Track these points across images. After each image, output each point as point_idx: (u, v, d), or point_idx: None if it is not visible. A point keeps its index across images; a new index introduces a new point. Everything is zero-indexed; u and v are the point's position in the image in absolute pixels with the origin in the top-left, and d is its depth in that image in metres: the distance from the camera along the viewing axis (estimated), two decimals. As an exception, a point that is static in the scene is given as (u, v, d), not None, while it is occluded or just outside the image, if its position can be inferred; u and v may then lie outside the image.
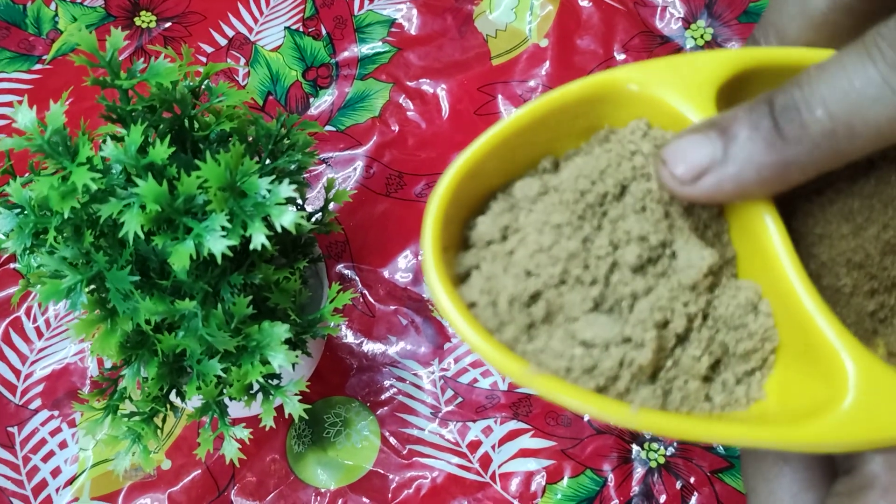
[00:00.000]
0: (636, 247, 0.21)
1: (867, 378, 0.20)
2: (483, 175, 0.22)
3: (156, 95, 0.31)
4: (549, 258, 0.20)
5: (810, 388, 0.21)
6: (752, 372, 0.22)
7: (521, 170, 0.23)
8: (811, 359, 0.21)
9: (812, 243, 0.22)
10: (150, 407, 0.32)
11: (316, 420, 0.45)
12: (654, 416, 0.20)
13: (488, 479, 0.43)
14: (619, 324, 0.20)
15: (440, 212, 0.20)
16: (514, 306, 0.20)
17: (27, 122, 0.28)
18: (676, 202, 0.22)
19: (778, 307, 0.21)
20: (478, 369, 0.45)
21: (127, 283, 0.29)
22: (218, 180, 0.27)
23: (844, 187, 0.22)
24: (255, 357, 0.31)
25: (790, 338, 0.21)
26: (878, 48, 0.18)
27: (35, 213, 0.29)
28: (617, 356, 0.20)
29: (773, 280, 0.21)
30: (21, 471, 0.43)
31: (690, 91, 0.22)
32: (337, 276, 0.48)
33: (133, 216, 0.27)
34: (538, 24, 0.52)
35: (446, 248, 0.21)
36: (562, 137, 0.23)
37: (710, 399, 0.22)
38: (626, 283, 0.21)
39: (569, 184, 0.21)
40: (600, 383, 0.20)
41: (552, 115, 0.22)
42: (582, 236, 0.21)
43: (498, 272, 0.20)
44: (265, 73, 0.52)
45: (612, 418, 0.19)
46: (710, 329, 0.22)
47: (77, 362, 0.45)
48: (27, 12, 0.53)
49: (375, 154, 0.50)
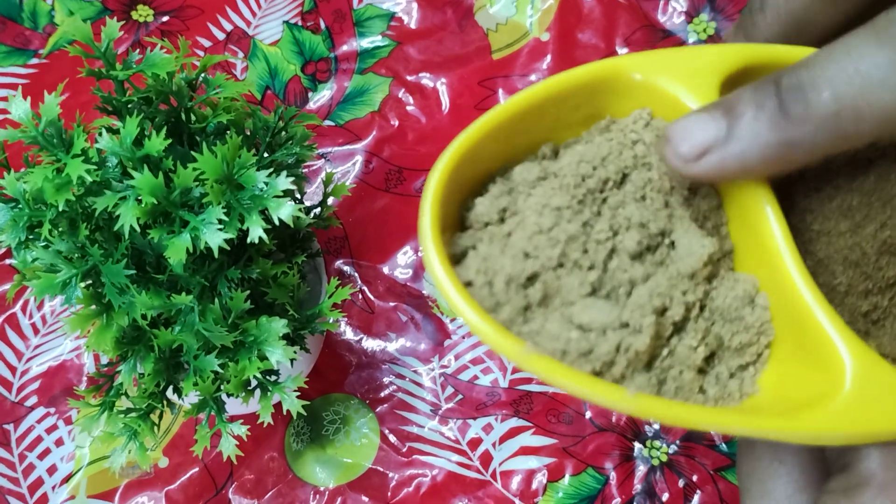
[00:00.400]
0: (636, 233, 0.21)
1: (865, 370, 0.19)
2: (482, 158, 0.21)
3: (152, 87, 0.30)
4: (547, 240, 0.20)
5: (806, 380, 0.21)
6: (745, 366, 0.22)
7: (520, 155, 0.23)
8: (807, 352, 0.20)
9: (809, 240, 0.22)
10: (146, 403, 0.32)
11: (315, 417, 0.44)
12: (650, 400, 0.19)
13: (489, 477, 0.43)
14: (617, 309, 0.20)
15: (439, 190, 0.20)
16: (511, 287, 0.20)
17: (21, 113, 0.28)
18: (677, 192, 0.22)
19: (775, 301, 0.21)
20: (478, 366, 0.45)
21: (122, 277, 0.28)
22: (215, 173, 0.27)
23: (843, 184, 0.22)
24: (252, 353, 0.30)
25: (786, 332, 0.21)
26: (889, 32, 0.18)
27: (30, 206, 0.29)
28: (614, 341, 0.20)
29: (772, 273, 0.21)
30: (17, 468, 0.43)
31: (695, 82, 0.22)
32: (336, 272, 0.47)
33: (129, 209, 0.27)
34: (539, 17, 0.52)
35: (444, 230, 0.20)
36: (562, 125, 0.23)
37: (703, 391, 0.22)
38: (624, 270, 0.21)
39: (569, 168, 0.21)
40: (596, 367, 0.20)
41: (553, 101, 0.22)
42: (581, 220, 0.21)
43: (495, 253, 0.20)
44: (263, 68, 0.51)
45: (608, 401, 0.19)
46: (706, 320, 0.21)
47: (73, 359, 0.45)
48: (23, 6, 0.52)
49: (375, 149, 0.49)
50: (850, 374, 0.19)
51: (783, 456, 0.22)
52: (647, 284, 0.21)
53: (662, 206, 0.21)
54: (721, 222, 0.22)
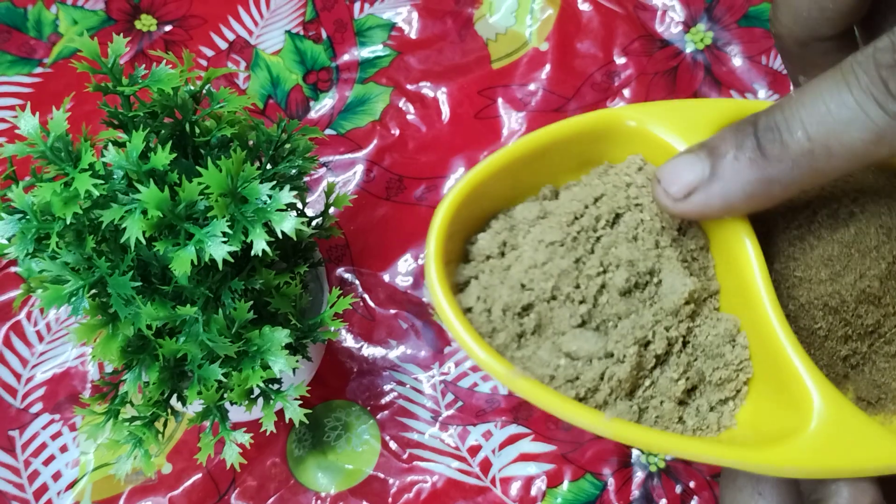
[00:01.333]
0: (625, 271, 0.22)
1: (832, 410, 0.21)
2: (486, 197, 0.23)
3: (157, 101, 0.31)
4: (542, 274, 0.21)
5: (779, 417, 0.22)
6: (725, 401, 0.23)
7: (522, 195, 0.24)
8: (781, 391, 0.22)
9: (792, 285, 0.23)
10: (151, 411, 0.32)
11: (316, 424, 0.45)
12: (626, 426, 0.21)
13: (488, 483, 0.43)
14: (603, 340, 0.21)
15: (445, 221, 0.21)
16: (507, 315, 0.21)
17: (30, 128, 0.28)
18: (667, 232, 0.23)
19: (754, 341, 0.23)
20: (478, 373, 0.46)
21: (128, 288, 0.29)
22: (219, 186, 0.27)
23: (826, 235, 0.23)
24: (255, 362, 0.31)
25: (763, 370, 0.22)
26: (854, 74, 0.19)
27: (37, 219, 0.29)
28: (599, 369, 0.21)
29: (752, 314, 0.22)
30: (22, 474, 0.43)
31: (687, 131, 0.23)
32: (337, 279, 0.48)
33: (135, 222, 0.27)
34: (538, 27, 0.52)
35: (448, 262, 0.22)
36: (563, 170, 0.24)
37: (682, 422, 0.23)
38: (612, 305, 0.22)
39: (565, 207, 0.23)
40: (580, 393, 0.21)
41: (555, 145, 0.23)
42: (575, 256, 0.22)
43: (495, 283, 0.21)
44: (265, 77, 0.52)
45: (586, 423, 0.20)
46: (688, 355, 0.23)
47: (78, 366, 0.45)
48: (28, 16, 0.53)
49: (376, 158, 0.50)
50: (817, 412, 0.21)
51: (763, 488, 0.23)
52: (632, 318, 0.22)
53: (653, 245, 0.23)
54: (708, 264, 0.24)
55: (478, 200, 0.22)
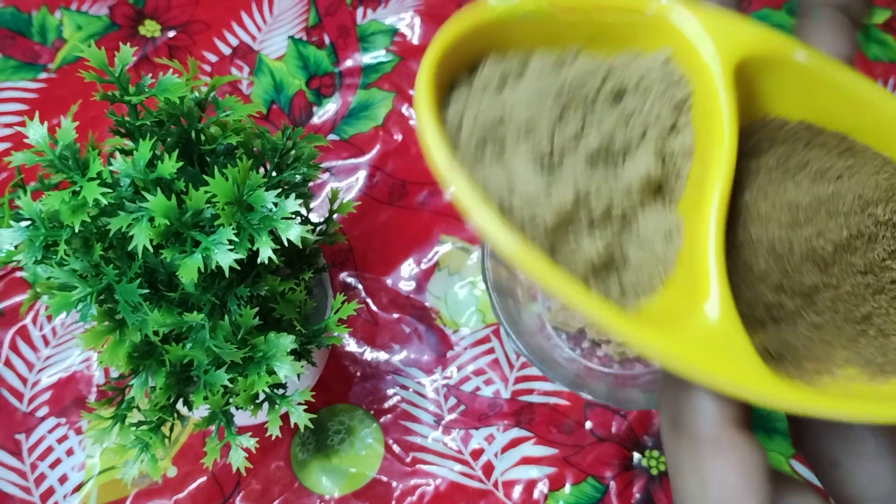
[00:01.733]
0: (598, 138, 0.22)
1: (723, 318, 0.21)
2: (508, 34, 0.23)
3: (164, 110, 0.31)
4: (524, 110, 0.22)
5: (675, 315, 0.22)
6: (636, 288, 0.23)
7: (549, 45, 0.24)
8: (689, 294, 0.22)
9: (751, 218, 0.23)
10: (157, 416, 0.33)
11: (320, 428, 0.45)
12: (535, 256, 0.20)
13: (491, 486, 0.44)
14: (550, 183, 0.22)
15: (449, 39, 0.21)
16: (475, 134, 0.21)
17: (38, 137, 0.28)
18: (658, 126, 0.23)
19: (688, 245, 0.23)
20: (480, 377, 0.46)
21: (136, 295, 0.29)
22: (226, 195, 0.28)
23: (805, 184, 0.23)
24: (261, 367, 0.31)
25: (682, 274, 0.22)
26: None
27: (45, 227, 0.29)
28: (533, 209, 0.21)
29: (696, 218, 0.22)
30: (28, 478, 0.44)
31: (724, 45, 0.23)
32: (341, 284, 0.48)
33: (142, 230, 0.28)
34: (540, 33, 0.53)
35: (444, 86, 0.22)
36: (598, 38, 0.24)
37: (587, 285, 0.23)
38: (575, 166, 0.22)
39: (577, 67, 0.23)
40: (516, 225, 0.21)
41: (596, 9, 0.23)
42: (560, 109, 0.22)
43: (476, 101, 0.22)
44: (269, 82, 0.52)
45: (502, 239, 0.20)
46: (619, 234, 0.23)
47: (83, 370, 0.46)
48: (32, 21, 0.53)
49: (378, 163, 0.50)
50: (704, 313, 0.21)
51: None
52: (585, 176, 0.22)
53: (639, 135, 0.23)
54: (683, 168, 0.24)
55: (503, 30, 0.23)
